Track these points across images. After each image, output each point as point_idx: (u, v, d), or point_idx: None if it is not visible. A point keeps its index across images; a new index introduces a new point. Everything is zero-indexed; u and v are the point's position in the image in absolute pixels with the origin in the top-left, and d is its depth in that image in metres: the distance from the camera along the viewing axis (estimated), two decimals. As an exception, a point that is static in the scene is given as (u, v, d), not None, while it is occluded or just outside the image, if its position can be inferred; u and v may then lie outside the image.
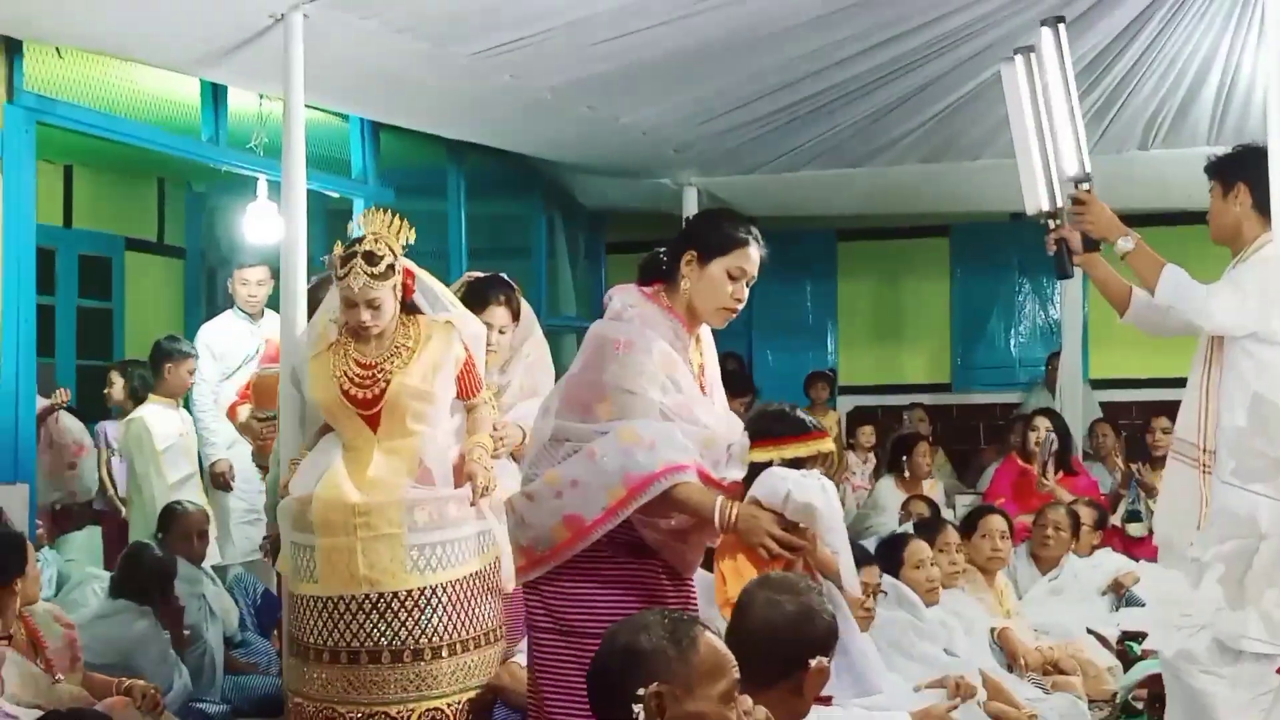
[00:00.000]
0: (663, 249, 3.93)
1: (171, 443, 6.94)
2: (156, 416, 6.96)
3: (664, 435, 3.59)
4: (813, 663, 3.08)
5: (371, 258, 4.34)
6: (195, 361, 7.16)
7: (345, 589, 4.32)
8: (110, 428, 7.71)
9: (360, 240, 4.37)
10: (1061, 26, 4.69)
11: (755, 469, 3.76)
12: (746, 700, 2.71)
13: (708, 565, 4.00)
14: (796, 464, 3.79)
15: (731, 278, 3.77)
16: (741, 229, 3.80)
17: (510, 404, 4.97)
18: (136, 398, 7.30)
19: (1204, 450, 4.47)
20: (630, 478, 3.54)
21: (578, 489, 3.59)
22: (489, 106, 7.22)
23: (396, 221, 4.44)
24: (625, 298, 3.85)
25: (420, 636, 4.32)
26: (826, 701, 3.66)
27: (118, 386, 7.73)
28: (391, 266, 4.37)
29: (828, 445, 3.97)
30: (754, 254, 3.80)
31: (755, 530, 3.60)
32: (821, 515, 3.65)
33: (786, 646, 3.09)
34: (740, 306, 3.84)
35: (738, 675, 2.68)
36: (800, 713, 3.14)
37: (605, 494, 3.56)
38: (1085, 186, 4.63)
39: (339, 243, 4.42)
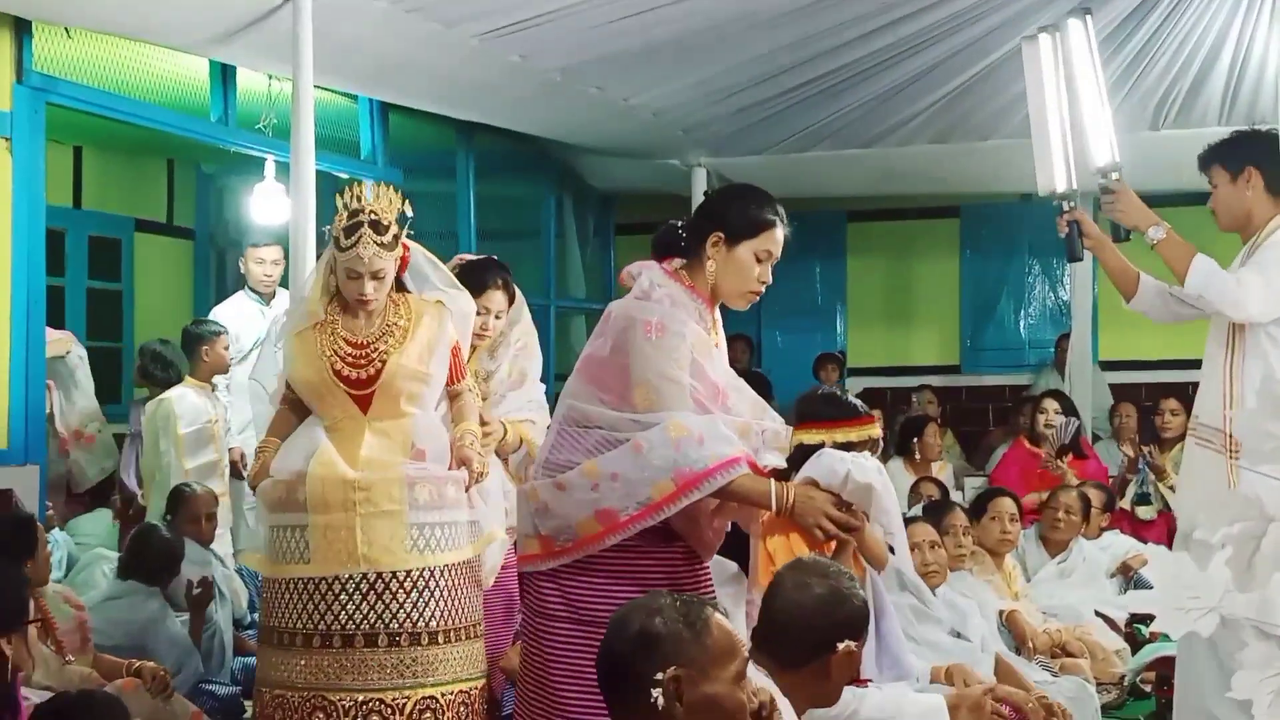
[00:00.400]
0: (679, 222, 3.87)
1: (197, 428, 6.81)
2: (186, 400, 6.84)
3: (710, 428, 3.53)
4: (840, 646, 3.06)
5: (379, 226, 4.21)
6: (228, 336, 7.07)
7: (341, 568, 4.14)
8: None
9: (362, 210, 4.23)
10: (1089, 18, 4.68)
11: (805, 451, 3.76)
12: (752, 681, 2.72)
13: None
14: (846, 448, 3.82)
15: (758, 260, 3.69)
16: (769, 210, 3.71)
17: (497, 392, 4.86)
18: (151, 379, 7.27)
19: (1230, 435, 4.44)
20: (681, 474, 3.47)
21: (618, 483, 3.51)
22: (498, 87, 7.22)
23: (391, 192, 4.31)
24: (652, 275, 3.74)
25: (418, 620, 4.16)
26: (863, 684, 3.66)
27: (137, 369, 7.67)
28: (396, 236, 4.26)
29: (877, 430, 4.00)
30: (780, 235, 3.71)
31: (812, 511, 3.60)
32: (879, 496, 3.67)
33: (814, 629, 3.07)
34: (764, 289, 3.75)
35: (747, 655, 2.69)
36: (829, 696, 3.13)
37: (650, 488, 3.49)
38: (1115, 175, 4.61)
39: (340, 213, 4.26)
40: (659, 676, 2.53)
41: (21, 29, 5.97)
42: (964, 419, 11.11)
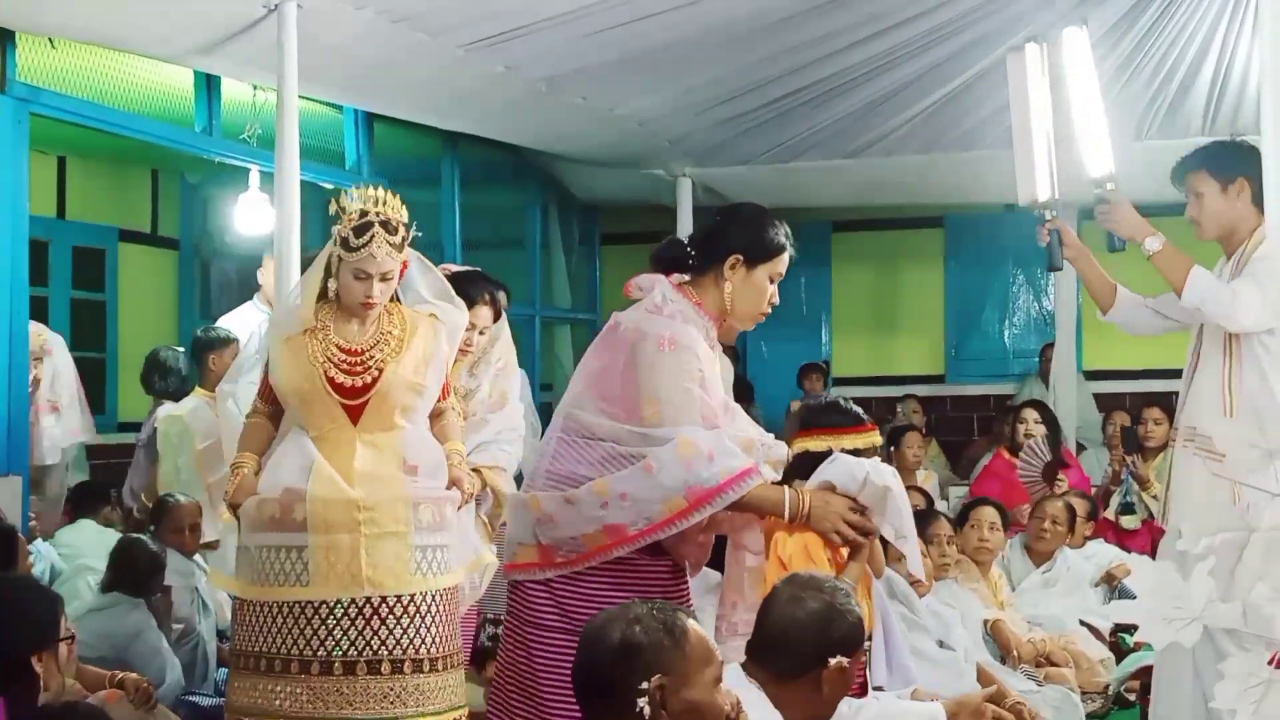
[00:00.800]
0: (684, 239, 3.89)
1: (212, 441, 6.55)
2: (198, 414, 6.65)
3: (719, 444, 3.56)
4: (833, 661, 3.08)
5: (390, 226, 4.09)
6: (238, 345, 6.80)
7: (344, 591, 3.98)
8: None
9: (370, 211, 4.10)
10: (1086, 28, 4.70)
11: (811, 457, 3.81)
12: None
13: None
14: (851, 454, 3.86)
15: (770, 282, 3.79)
16: (784, 234, 3.81)
17: (477, 413, 4.77)
18: (150, 388, 7.21)
19: None
20: (693, 491, 3.51)
21: (627, 501, 3.54)
22: (483, 97, 7.21)
23: (390, 195, 4.18)
24: (664, 290, 3.76)
25: (420, 646, 4.03)
26: (861, 694, 3.67)
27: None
28: (404, 239, 4.15)
29: (879, 438, 4.05)
30: (788, 257, 3.83)
31: (829, 516, 3.66)
32: (894, 499, 3.70)
33: (807, 644, 3.10)
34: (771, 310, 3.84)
35: (721, 659, 2.74)
36: (822, 710, 3.13)
37: (661, 506, 3.52)
38: (1110, 186, 4.63)
39: (349, 213, 4.11)
40: (644, 686, 2.55)
41: (5, 39, 5.96)
42: (948, 429, 11.14)
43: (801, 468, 3.87)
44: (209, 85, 7.12)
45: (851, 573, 3.76)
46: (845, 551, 3.87)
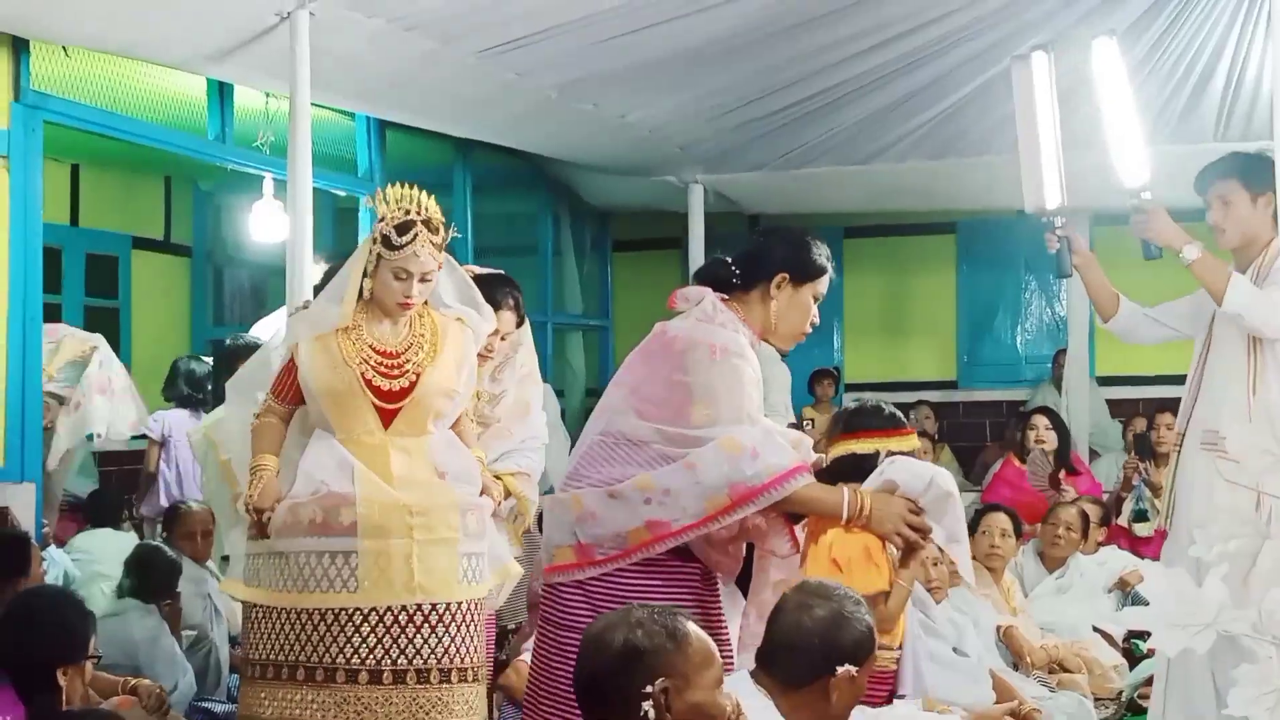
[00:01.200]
0: (728, 258, 3.93)
1: (237, 453, 6.56)
2: (221, 427, 6.60)
3: (765, 440, 3.59)
4: (840, 670, 3.07)
5: (432, 226, 4.02)
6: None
7: (395, 598, 3.89)
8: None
9: (409, 210, 4.01)
10: (1114, 38, 4.72)
11: (857, 459, 3.87)
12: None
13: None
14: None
15: (813, 302, 3.88)
16: (825, 255, 3.91)
17: (502, 421, 4.70)
18: (179, 399, 7.21)
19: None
20: (736, 488, 3.54)
21: (670, 497, 3.57)
22: (495, 105, 7.22)
23: (426, 195, 4.09)
24: (713, 301, 3.82)
25: (465, 655, 3.96)
26: (878, 703, 3.66)
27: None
28: (444, 239, 4.07)
29: (917, 442, 4.12)
30: (829, 278, 3.92)
31: (890, 518, 3.68)
32: (954, 503, 3.73)
33: (813, 651, 3.09)
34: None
35: (722, 660, 2.75)
36: (831, 718, 3.13)
37: (703, 502, 3.55)
38: (1146, 195, 4.64)
39: (390, 212, 4.02)
40: (647, 689, 2.56)
41: (19, 47, 5.98)
42: (961, 435, 11.12)
43: (844, 470, 3.89)
44: (222, 93, 7.14)
45: (909, 575, 3.78)
46: (897, 553, 3.89)
